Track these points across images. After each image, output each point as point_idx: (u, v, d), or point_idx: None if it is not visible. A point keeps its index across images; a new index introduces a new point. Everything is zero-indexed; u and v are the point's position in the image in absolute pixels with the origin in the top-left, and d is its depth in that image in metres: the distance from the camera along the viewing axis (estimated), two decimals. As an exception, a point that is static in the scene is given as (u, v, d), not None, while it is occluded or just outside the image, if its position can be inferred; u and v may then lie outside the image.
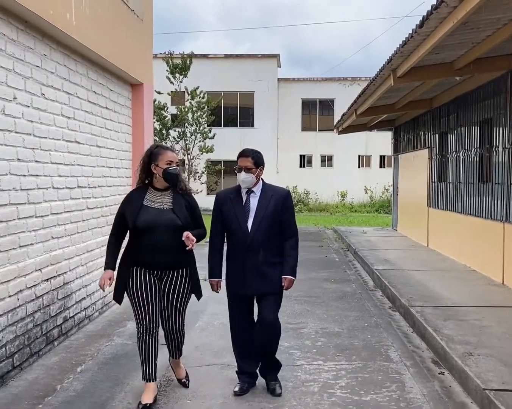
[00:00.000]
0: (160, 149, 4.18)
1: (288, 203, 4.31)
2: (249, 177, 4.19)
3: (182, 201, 4.17)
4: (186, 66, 24.20)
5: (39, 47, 5.02)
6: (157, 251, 4.02)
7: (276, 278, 4.22)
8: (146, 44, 8.25)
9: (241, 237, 4.17)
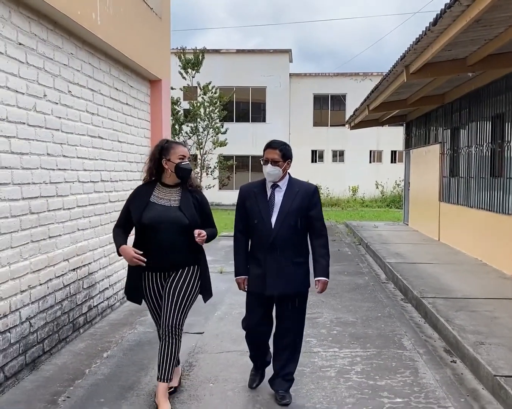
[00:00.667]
0: (172, 144, 4.03)
1: (316, 199, 4.04)
2: (275, 170, 3.92)
3: (190, 199, 3.98)
4: (198, 61, 24.40)
5: (66, 46, 5.23)
6: (163, 251, 3.85)
7: (300, 279, 3.97)
8: (164, 41, 8.44)
9: (264, 234, 3.92)
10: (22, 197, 4.47)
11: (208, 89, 24.53)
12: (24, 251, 4.50)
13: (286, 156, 3.98)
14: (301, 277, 3.97)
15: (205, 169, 25.64)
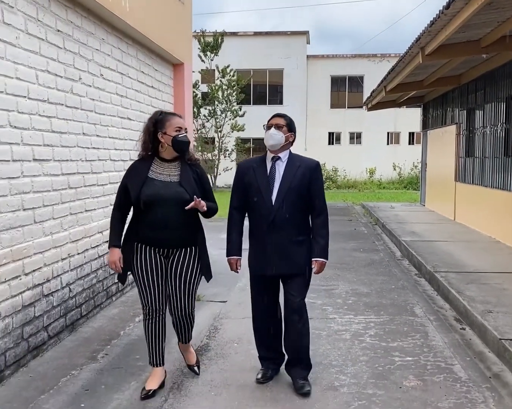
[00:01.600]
0: (167, 115, 3.79)
1: (317, 175, 3.84)
2: (278, 134, 3.74)
3: (190, 173, 3.77)
4: (217, 44, 24.66)
5: (98, 32, 5.58)
6: (163, 228, 3.66)
7: (302, 258, 3.80)
8: (186, 26, 8.76)
9: (264, 211, 3.73)
10: (62, 173, 4.87)
11: (226, 72, 24.80)
12: (64, 222, 4.91)
13: (291, 127, 3.84)
14: (303, 255, 3.80)
15: (223, 152, 25.99)
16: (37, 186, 4.45)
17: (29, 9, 4.29)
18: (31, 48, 4.33)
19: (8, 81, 4.01)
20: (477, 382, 4.03)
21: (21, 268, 4.23)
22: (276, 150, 3.80)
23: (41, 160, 4.49)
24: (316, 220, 3.84)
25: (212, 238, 3.86)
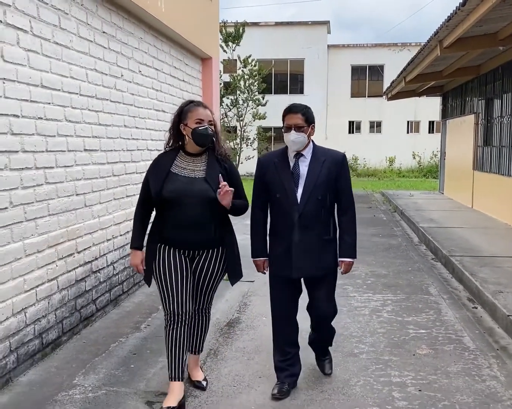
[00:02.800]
0: (191, 106, 3.48)
1: (344, 169, 3.61)
2: (300, 137, 3.47)
3: (218, 169, 3.45)
4: (239, 34, 25.01)
5: (137, 32, 6.06)
6: (187, 228, 3.38)
7: (329, 258, 3.60)
8: (214, 21, 9.20)
9: (289, 210, 3.48)
10: (107, 162, 5.38)
11: (248, 62, 25.16)
12: (109, 206, 5.43)
13: (310, 120, 3.52)
14: (330, 255, 3.61)
15: (244, 140, 26.44)
16: (87, 173, 4.96)
17: (80, 14, 4.78)
18: (82, 50, 4.82)
19: (64, 80, 4.51)
20: (484, 351, 4.46)
21: (75, 247, 4.76)
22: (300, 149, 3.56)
23: (90, 150, 5.00)
24: (343, 217, 3.62)
25: (237, 223, 4.18)
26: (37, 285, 4.19)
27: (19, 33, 3.90)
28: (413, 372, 4.02)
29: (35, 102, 4.11)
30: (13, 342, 3.91)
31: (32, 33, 4.06)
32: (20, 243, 3.97)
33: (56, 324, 4.48)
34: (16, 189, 3.89)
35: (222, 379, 3.93)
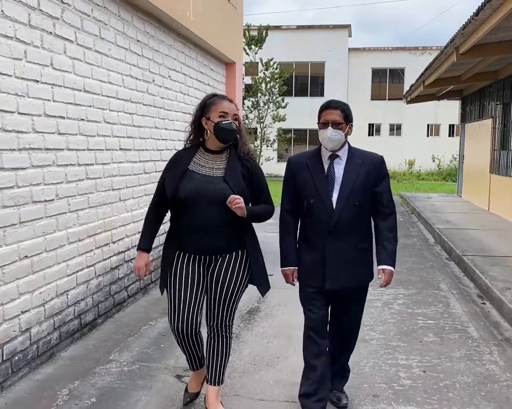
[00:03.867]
0: (215, 99, 3.20)
1: (383, 172, 3.32)
2: (337, 135, 3.16)
3: (239, 168, 3.17)
4: (262, 38, 25.43)
5: (167, 40, 6.50)
6: (202, 231, 3.08)
7: (365, 269, 3.31)
8: (238, 28, 9.62)
9: (323, 216, 3.19)
10: (139, 160, 5.82)
11: (270, 65, 25.56)
12: (141, 201, 5.87)
13: (349, 118, 3.26)
14: (366, 266, 3.32)
15: (265, 142, 26.85)
16: (122, 171, 5.41)
17: (118, 25, 5.22)
18: (119, 57, 5.26)
19: (103, 85, 4.95)
20: (486, 340, 4.79)
21: (110, 237, 5.20)
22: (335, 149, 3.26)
23: (125, 149, 5.45)
24: (382, 223, 3.28)
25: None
26: (78, 270, 4.65)
27: (66, 43, 4.35)
28: (419, 356, 4.38)
29: (79, 105, 4.56)
30: (56, 320, 4.36)
31: (77, 42, 4.51)
32: (64, 231, 4.42)
33: (92, 307, 4.92)
34: (61, 183, 4.34)
35: (243, 359, 4.33)
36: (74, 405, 3.56)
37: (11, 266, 3.76)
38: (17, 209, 3.81)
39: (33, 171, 3.97)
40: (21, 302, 3.90)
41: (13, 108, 3.72)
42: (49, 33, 4.12)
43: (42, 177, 4.09)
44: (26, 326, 3.97)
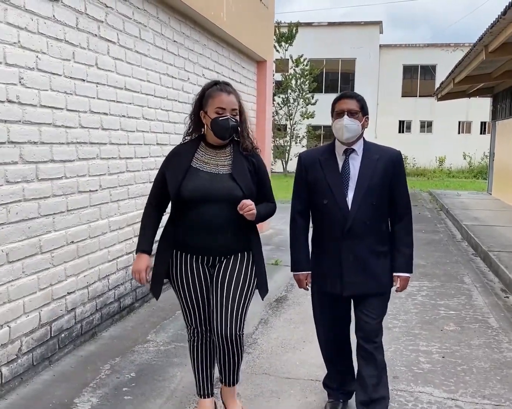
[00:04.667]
0: (214, 90, 2.95)
1: (400, 168, 3.10)
2: (354, 124, 2.96)
3: (245, 163, 2.98)
4: (292, 35, 25.64)
5: (202, 40, 6.80)
6: (209, 232, 2.89)
7: (383, 273, 3.08)
8: (269, 27, 9.88)
9: (337, 216, 2.98)
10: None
11: (300, 61, 25.75)
12: (175, 193, 6.19)
13: (365, 110, 3.06)
14: (385, 270, 3.09)
15: (294, 138, 27.06)
16: (159, 164, 5.68)
17: (156, 26, 5.53)
18: (157, 57, 5.58)
19: (142, 83, 5.27)
20: (506, 329, 4.96)
21: (147, 227, 5.53)
22: (350, 142, 3.03)
23: (161, 144, 5.77)
24: (398, 225, 3.09)
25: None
26: (118, 256, 4.98)
27: (109, 44, 4.67)
28: (439, 343, 4.59)
29: (120, 102, 4.88)
30: (98, 302, 4.70)
31: (119, 44, 4.83)
32: (106, 220, 4.76)
33: (131, 291, 5.26)
34: (104, 175, 4.68)
35: (271, 342, 4.60)
36: (116, 378, 3.88)
37: (59, 250, 4.11)
38: (65, 198, 4.15)
39: (80, 164, 4.31)
40: (67, 284, 4.24)
41: (62, 105, 4.06)
42: (94, 35, 4.45)
43: (87, 169, 4.43)
44: (72, 306, 4.32)
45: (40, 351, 3.92)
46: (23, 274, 3.71)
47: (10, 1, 3.46)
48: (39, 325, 3.90)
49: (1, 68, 3.40)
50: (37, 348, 3.89)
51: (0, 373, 3.53)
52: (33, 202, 3.78)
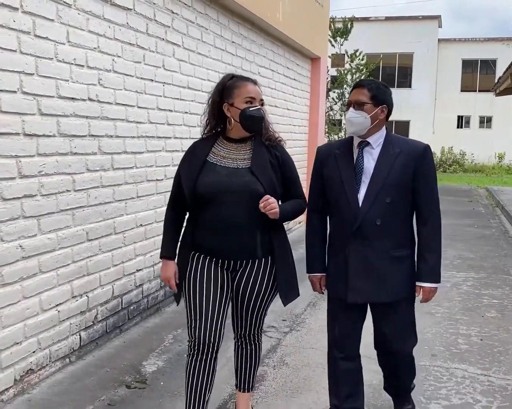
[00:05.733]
0: (237, 81, 2.79)
1: (426, 164, 2.76)
2: (359, 117, 2.71)
3: (266, 157, 2.75)
4: (347, 30, 25.68)
5: (258, 40, 7.21)
6: (227, 233, 2.69)
7: (401, 280, 2.77)
8: (324, 24, 10.18)
9: (347, 215, 2.75)
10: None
11: (355, 56, 25.76)
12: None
13: (378, 99, 2.75)
14: (401, 277, 2.77)
15: (349, 133, 27.11)
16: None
17: (217, 29, 5.98)
18: (217, 57, 6.03)
19: (203, 82, 5.74)
20: (547, 319, 5.15)
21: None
22: (363, 134, 2.78)
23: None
24: (422, 228, 2.80)
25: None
26: (180, 240, 5.47)
27: (174, 47, 5.15)
28: (479, 328, 4.84)
29: (183, 100, 5.36)
30: (162, 281, 5.20)
31: (183, 46, 5.30)
32: (170, 206, 5.24)
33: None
34: (168, 166, 5.17)
35: (318, 321, 4.97)
36: (178, 346, 4.36)
37: (130, 232, 4.63)
38: (135, 186, 4.66)
39: (148, 155, 4.82)
40: (136, 262, 4.76)
41: (133, 103, 4.56)
42: (162, 39, 4.93)
43: (154, 160, 4.92)
44: (140, 282, 4.83)
45: (112, 320, 4.44)
46: (99, 251, 4.24)
47: (91, 12, 3.97)
48: (112, 297, 4.43)
49: (83, 71, 3.92)
50: (110, 317, 4.42)
51: (80, 336, 4.06)
52: (109, 189, 4.30)
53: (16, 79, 3.31)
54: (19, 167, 3.37)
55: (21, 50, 3.34)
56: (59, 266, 3.78)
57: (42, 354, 3.68)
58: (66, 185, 3.79)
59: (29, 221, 3.48)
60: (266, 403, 3.48)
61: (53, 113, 3.63)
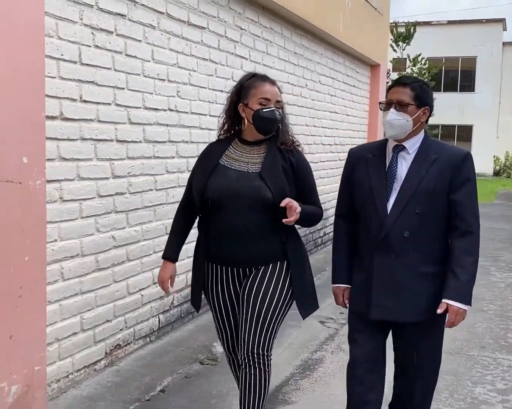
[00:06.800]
0: (255, 81, 2.69)
1: (465, 173, 2.50)
2: (401, 119, 2.49)
3: (279, 162, 2.63)
4: (409, 34, 25.61)
5: (319, 50, 7.63)
6: (235, 240, 2.59)
7: (427, 299, 2.51)
8: (384, 32, 10.47)
9: (374, 223, 2.55)
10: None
11: (417, 60, 25.66)
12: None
13: (421, 100, 2.55)
14: (429, 296, 2.51)
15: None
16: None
17: (280, 41, 6.45)
18: (280, 68, 6.50)
19: (268, 91, 6.18)
20: None
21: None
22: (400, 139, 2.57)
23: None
24: (457, 242, 2.49)
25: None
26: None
27: (242, 61, 5.63)
28: (529, 325, 5.05)
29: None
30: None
31: (250, 59, 5.78)
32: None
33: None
34: (236, 168, 5.64)
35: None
36: (244, 332, 4.81)
37: (201, 228, 5.13)
38: (204, 186, 5.16)
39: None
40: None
41: (206, 112, 5.07)
42: (231, 53, 5.42)
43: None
44: (209, 274, 5.32)
45: (186, 306, 4.96)
46: (175, 244, 4.75)
47: (172, 32, 4.50)
48: (186, 285, 4.94)
49: (165, 84, 4.45)
50: (184, 304, 4.93)
51: (158, 319, 4.59)
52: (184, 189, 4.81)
53: (111, 93, 3.87)
54: (112, 168, 3.93)
55: (115, 67, 3.90)
56: (143, 255, 4.32)
57: (128, 332, 4.23)
58: (149, 185, 4.34)
59: (119, 215, 4.03)
60: (324, 381, 3.89)
61: (140, 122, 4.18)
